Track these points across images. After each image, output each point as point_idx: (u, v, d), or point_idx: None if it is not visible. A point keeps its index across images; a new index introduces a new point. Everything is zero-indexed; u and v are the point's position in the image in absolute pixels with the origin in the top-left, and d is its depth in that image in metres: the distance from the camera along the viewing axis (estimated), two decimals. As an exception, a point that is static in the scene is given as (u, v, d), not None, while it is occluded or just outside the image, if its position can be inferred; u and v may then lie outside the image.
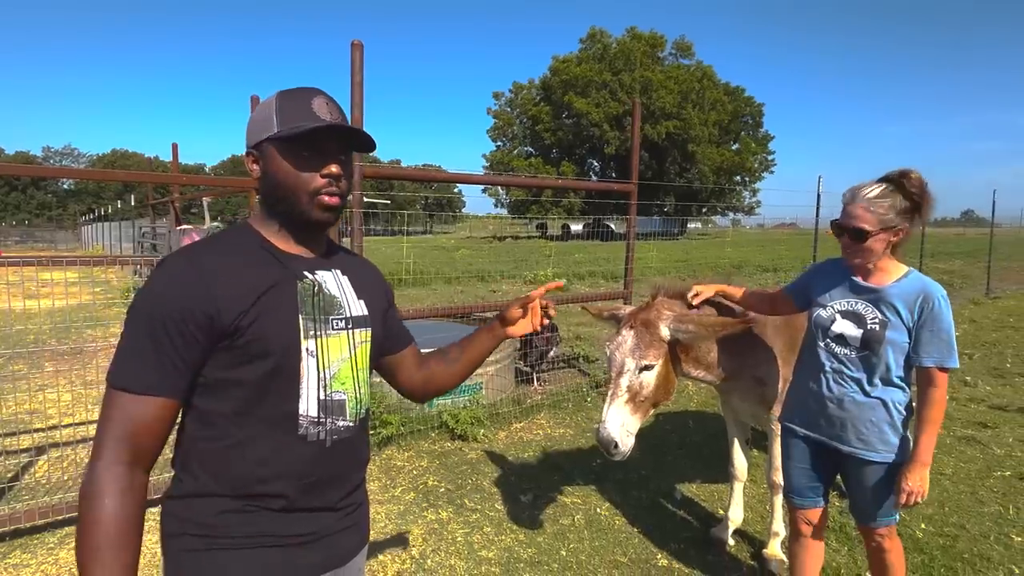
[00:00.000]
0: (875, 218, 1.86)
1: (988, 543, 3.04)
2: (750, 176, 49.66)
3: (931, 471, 3.78)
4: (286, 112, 1.07)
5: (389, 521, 3.24)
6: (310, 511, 1.09)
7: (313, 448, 1.08)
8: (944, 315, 1.87)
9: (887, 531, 2.05)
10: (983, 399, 5.43)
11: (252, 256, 1.08)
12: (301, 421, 1.07)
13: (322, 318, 1.11)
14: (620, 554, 2.96)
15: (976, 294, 12.95)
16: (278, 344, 1.04)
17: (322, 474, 1.10)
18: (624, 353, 2.30)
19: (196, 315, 0.98)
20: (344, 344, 1.14)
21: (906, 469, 1.90)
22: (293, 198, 1.08)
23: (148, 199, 12.84)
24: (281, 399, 1.05)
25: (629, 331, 2.33)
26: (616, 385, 2.28)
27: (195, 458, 1.05)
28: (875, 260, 1.92)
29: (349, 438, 1.14)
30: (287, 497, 1.05)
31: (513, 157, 46.50)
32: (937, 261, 19.50)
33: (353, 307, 1.17)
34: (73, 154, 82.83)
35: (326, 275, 1.15)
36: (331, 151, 1.09)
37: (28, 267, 3.35)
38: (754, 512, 3.34)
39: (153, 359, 0.98)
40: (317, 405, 1.09)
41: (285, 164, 1.07)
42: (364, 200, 4.13)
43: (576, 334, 8.12)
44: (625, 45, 44.55)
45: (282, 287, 1.07)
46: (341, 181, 1.11)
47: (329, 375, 1.10)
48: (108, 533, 0.92)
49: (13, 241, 34.12)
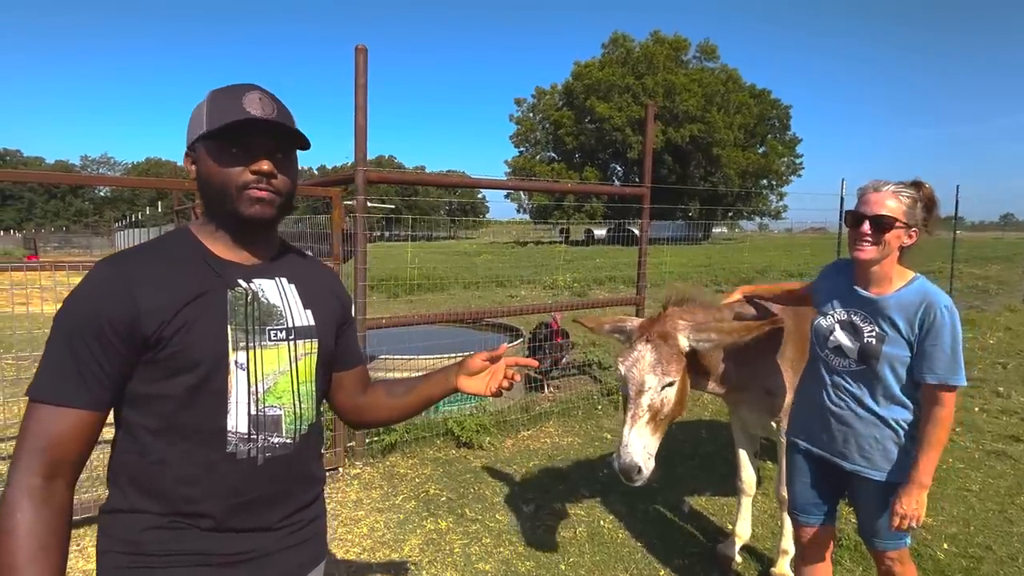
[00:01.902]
0: (902, 208, 1.75)
1: (1016, 566, 2.85)
2: (777, 179, 48.81)
3: (956, 487, 3.64)
4: (216, 110, 1.02)
5: (388, 530, 3.19)
6: (242, 531, 1.03)
7: (243, 466, 1.02)
8: (948, 327, 1.72)
9: (897, 555, 1.92)
10: (1016, 411, 5.17)
11: (184, 263, 1.03)
12: (230, 438, 1.01)
13: (256, 328, 1.05)
14: (621, 569, 2.86)
15: (1013, 300, 12.44)
16: (203, 356, 0.99)
17: (255, 493, 1.04)
18: (643, 370, 2.11)
19: (116, 324, 0.94)
20: (282, 356, 1.08)
21: (902, 491, 1.77)
22: (222, 195, 1.03)
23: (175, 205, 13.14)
24: (207, 414, 1.00)
25: (646, 345, 2.15)
26: (636, 405, 2.08)
27: (123, 473, 1.01)
28: (884, 258, 1.78)
29: (287, 456, 1.08)
30: (215, 517, 1.00)
31: (536, 163, 46.44)
32: (972, 267, 18.83)
33: (297, 317, 1.12)
34: (110, 163, 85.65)
35: (265, 283, 1.10)
36: (262, 148, 1.04)
37: (50, 271, 3.44)
38: (764, 528, 3.20)
39: (72, 369, 0.94)
40: (248, 421, 1.03)
41: (213, 162, 1.03)
42: (370, 205, 4.12)
43: (591, 340, 8.00)
44: (648, 49, 44.26)
45: (210, 296, 1.02)
46: (274, 179, 1.05)
47: (262, 389, 1.05)
48: (24, 548, 0.88)
49: (52, 247, 35.24)
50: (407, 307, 10.27)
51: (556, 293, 12.77)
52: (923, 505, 1.76)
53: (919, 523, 1.76)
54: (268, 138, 1.04)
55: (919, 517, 1.75)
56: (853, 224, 1.81)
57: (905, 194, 1.77)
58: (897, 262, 1.83)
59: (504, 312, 5.25)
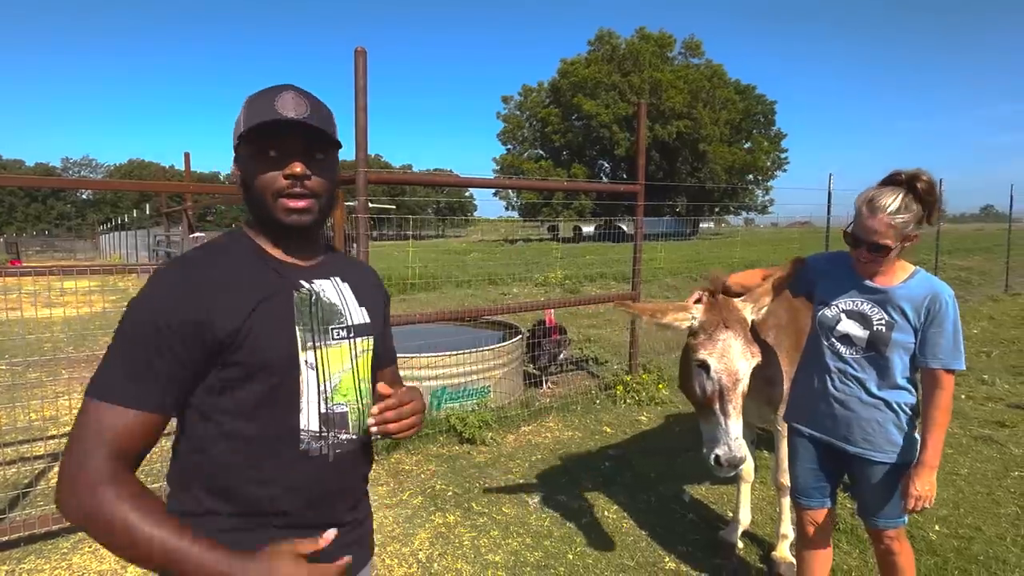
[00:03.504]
0: (896, 233, 1.81)
1: (1004, 545, 2.98)
2: (763, 175, 49.21)
3: (946, 471, 3.77)
4: (251, 112, 1.02)
5: (396, 525, 3.25)
6: (316, 527, 1.03)
7: (316, 463, 1.05)
8: (951, 316, 1.83)
9: (896, 533, 2.02)
10: (1001, 397, 5.33)
11: (247, 266, 1.05)
12: (303, 436, 1.04)
13: (321, 328, 1.07)
14: (627, 557, 2.94)
15: (995, 291, 12.73)
16: (275, 357, 1.00)
17: (326, 489, 1.07)
18: (736, 357, 2.03)
19: (188, 328, 0.94)
20: (345, 354, 1.10)
21: (913, 473, 1.87)
22: (261, 201, 1.04)
23: (162, 208, 13.08)
24: (281, 414, 1.02)
25: (727, 332, 2.06)
26: (735, 395, 2.00)
27: (195, 477, 1.02)
28: (886, 264, 1.89)
29: (352, 451, 1.11)
30: (291, 514, 1.03)
31: (523, 160, 46.42)
32: (955, 258, 19.16)
33: (354, 315, 1.14)
34: (91, 165, 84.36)
35: (324, 283, 1.12)
36: (296, 149, 1.02)
37: (45, 276, 3.44)
38: (763, 514, 3.30)
39: (141, 371, 0.93)
40: (318, 419, 1.05)
41: (250, 165, 1.04)
42: (370, 205, 4.16)
43: (586, 336, 8.09)
44: (634, 46, 44.37)
45: (277, 298, 1.04)
46: (308, 180, 1.03)
47: (330, 387, 1.07)
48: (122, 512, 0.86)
49: (34, 251, 34.62)
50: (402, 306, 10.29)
51: (548, 290, 12.84)
52: (934, 486, 1.86)
53: (931, 503, 1.86)
54: (301, 139, 1.03)
55: (930, 497, 1.85)
56: (853, 245, 1.90)
57: (899, 218, 1.79)
58: (900, 256, 1.91)
59: (502, 310, 5.31)
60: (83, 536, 3.09)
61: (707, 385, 2.07)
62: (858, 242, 1.87)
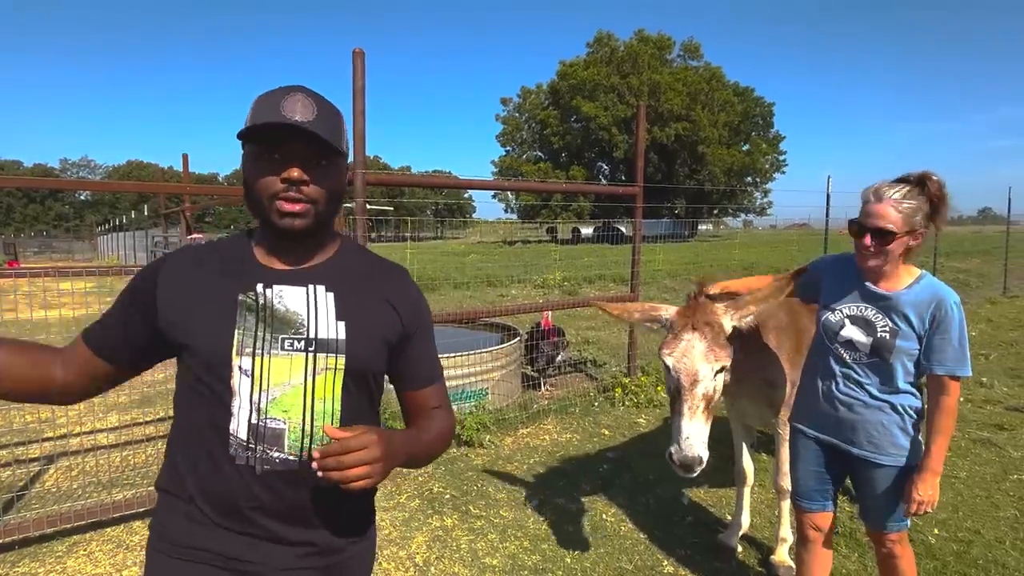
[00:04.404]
0: (902, 219, 1.78)
1: (1004, 548, 2.97)
2: (761, 177, 49.28)
3: (945, 475, 3.73)
4: (257, 111, 1.00)
5: (394, 528, 3.23)
6: (241, 534, 1.04)
7: (242, 471, 1.02)
8: (957, 323, 1.81)
9: (898, 537, 2.01)
10: (1000, 400, 5.33)
11: (221, 264, 1.09)
12: (231, 441, 1.02)
13: (267, 336, 1.03)
14: (626, 561, 2.92)
15: (993, 293, 12.74)
16: (204, 352, 1.03)
17: (253, 501, 1.02)
18: (695, 359, 2.06)
19: (139, 299, 1.09)
20: (296, 368, 1.03)
21: (917, 478, 1.86)
22: (257, 203, 1.04)
23: (160, 209, 13.05)
24: (212, 411, 1.03)
25: (692, 333, 2.10)
26: (692, 396, 2.03)
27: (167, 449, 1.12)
28: (891, 264, 1.86)
29: (290, 473, 1.02)
30: (210, 510, 1.04)
31: (522, 162, 46.43)
32: (953, 260, 19.19)
33: (322, 328, 1.05)
34: (90, 166, 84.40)
35: (292, 290, 1.06)
36: (297, 154, 1.00)
37: (41, 277, 3.40)
38: (762, 518, 3.29)
39: (108, 321, 1.12)
40: (247, 429, 1.01)
41: (251, 165, 1.03)
42: (368, 207, 4.15)
43: (584, 338, 8.08)
44: (633, 48, 44.43)
45: (225, 298, 1.04)
46: (306, 186, 1.01)
47: (266, 399, 1.01)
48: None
49: (32, 252, 34.56)
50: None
51: (547, 292, 12.84)
52: (937, 490, 1.86)
53: (933, 507, 1.86)
54: (304, 144, 1.00)
55: (934, 502, 1.85)
56: (856, 234, 1.87)
57: (906, 204, 1.78)
58: (905, 259, 1.89)
59: (500, 312, 5.30)
60: (78, 539, 3.07)
61: (669, 384, 2.14)
62: (863, 229, 1.83)
